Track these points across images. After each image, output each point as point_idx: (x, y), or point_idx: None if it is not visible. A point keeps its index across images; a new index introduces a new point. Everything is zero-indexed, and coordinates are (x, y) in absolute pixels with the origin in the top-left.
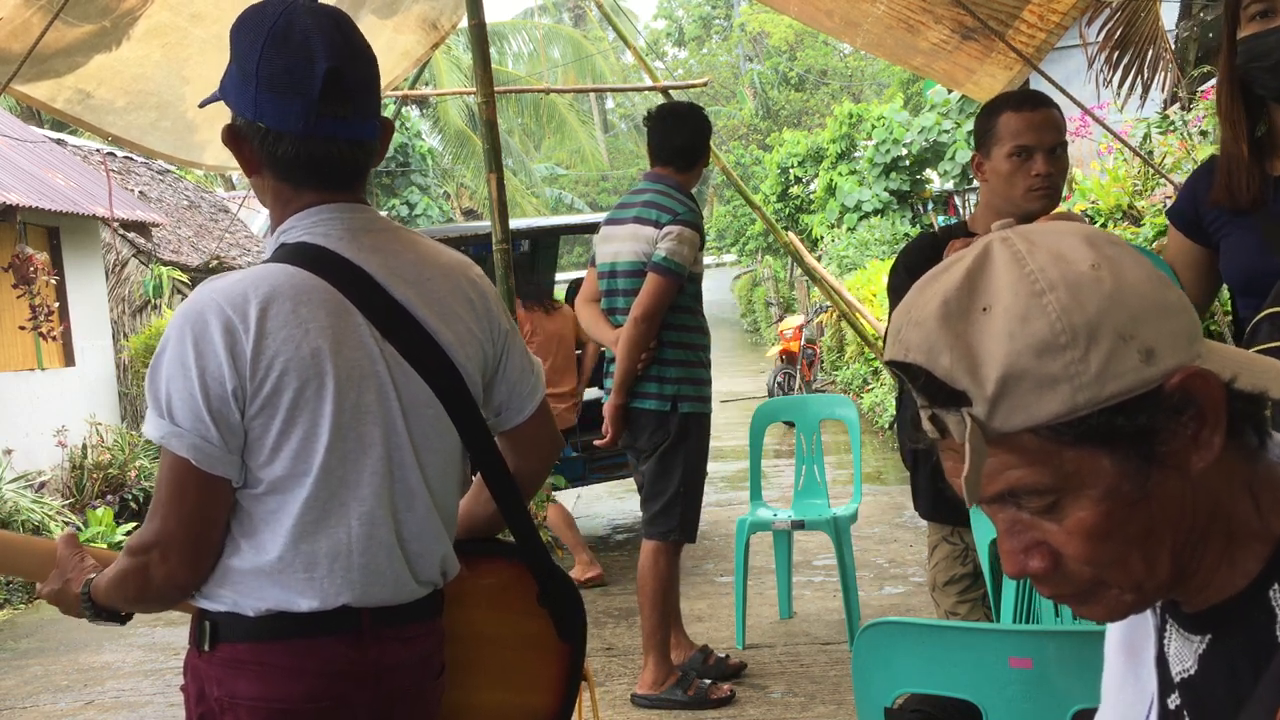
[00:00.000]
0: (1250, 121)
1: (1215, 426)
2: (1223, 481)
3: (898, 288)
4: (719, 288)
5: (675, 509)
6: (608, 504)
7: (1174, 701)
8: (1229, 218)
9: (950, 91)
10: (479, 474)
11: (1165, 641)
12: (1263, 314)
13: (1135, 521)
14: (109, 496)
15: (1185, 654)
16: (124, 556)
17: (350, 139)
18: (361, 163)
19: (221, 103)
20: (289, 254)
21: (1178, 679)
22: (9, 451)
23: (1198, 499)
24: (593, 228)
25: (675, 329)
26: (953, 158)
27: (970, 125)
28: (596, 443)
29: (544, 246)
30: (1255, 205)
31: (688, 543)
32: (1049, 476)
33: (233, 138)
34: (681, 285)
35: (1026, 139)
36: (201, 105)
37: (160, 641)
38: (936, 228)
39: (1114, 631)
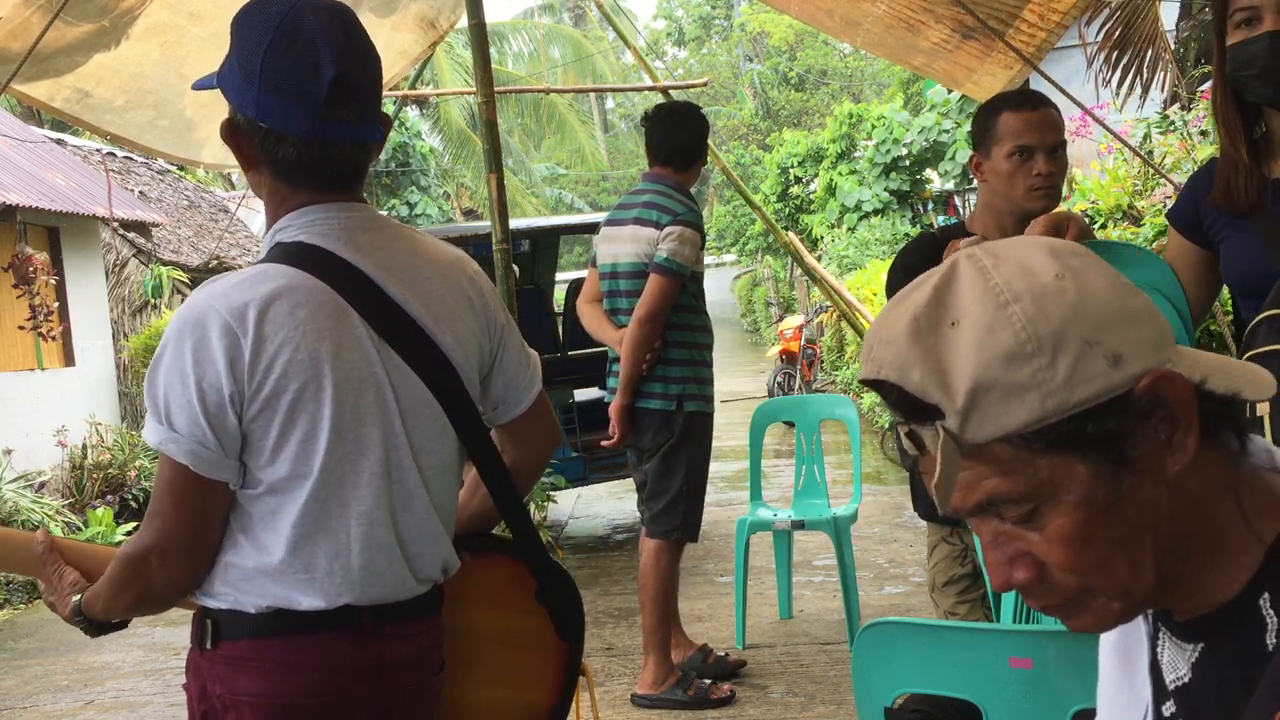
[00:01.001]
0: (1246, 126)
1: (1187, 428)
2: (1201, 484)
3: (896, 288)
4: (719, 288)
5: (678, 508)
6: (608, 504)
7: (1169, 709)
8: (1228, 220)
9: (950, 91)
10: (475, 470)
11: (1158, 649)
12: (1261, 316)
13: (1114, 526)
14: (109, 496)
15: (1179, 662)
16: (120, 563)
17: (353, 141)
18: (362, 164)
19: (220, 100)
20: (285, 254)
21: (1172, 687)
22: (9, 451)
23: (1176, 502)
24: (593, 227)
25: (679, 328)
26: (953, 158)
27: (970, 125)
28: (603, 443)
29: (544, 246)
30: (1254, 208)
31: (690, 542)
32: (1024, 485)
33: (232, 133)
34: (684, 285)
35: (1027, 139)
36: (195, 88)
37: (160, 641)
38: (936, 228)
39: (1108, 639)
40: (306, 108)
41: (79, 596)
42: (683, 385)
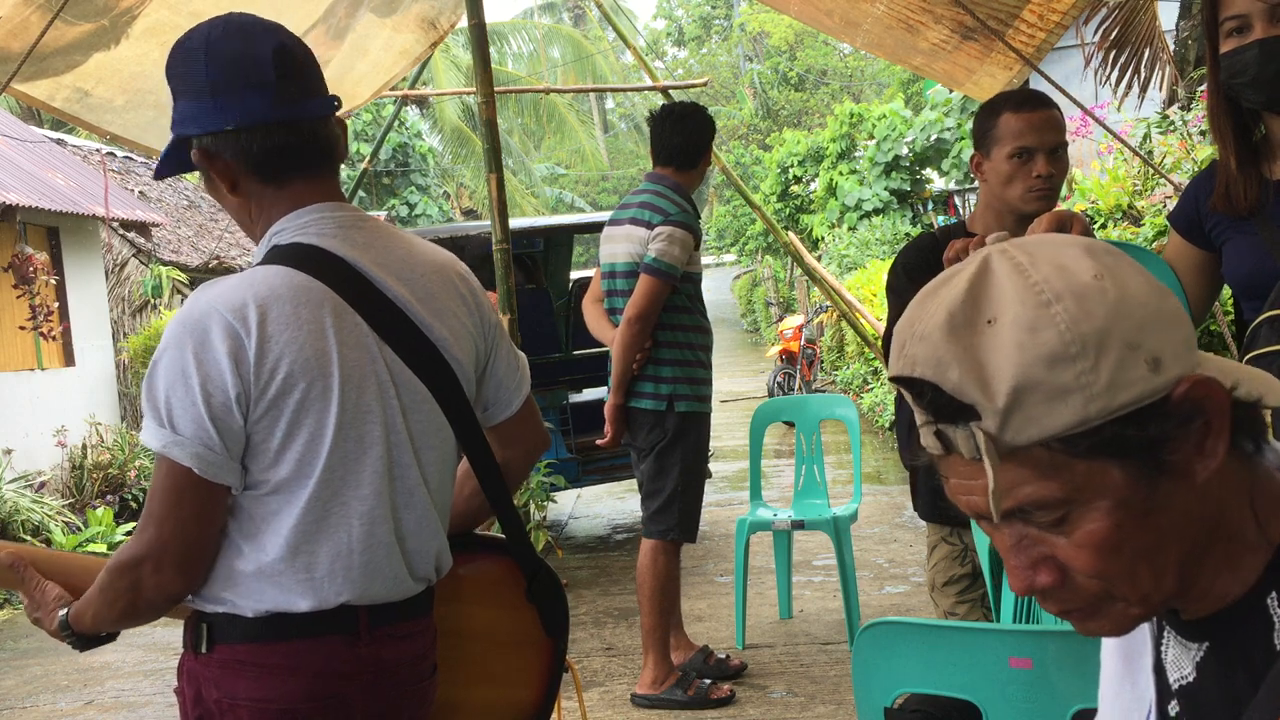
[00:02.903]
0: (1239, 133)
1: (1220, 434)
2: (1224, 490)
3: (896, 288)
4: (719, 288)
5: (673, 507)
6: (608, 504)
7: (1173, 709)
8: (1229, 223)
9: (951, 91)
10: (466, 467)
11: (1163, 649)
12: (1262, 317)
13: (1144, 533)
14: (109, 496)
15: (1183, 662)
16: (112, 572)
17: (315, 116)
18: (330, 140)
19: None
20: (282, 255)
21: (1176, 686)
22: (9, 451)
23: (1203, 508)
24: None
25: (671, 328)
26: (955, 156)
27: (972, 124)
28: (599, 442)
29: (557, 245)
30: (1254, 211)
31: (687, 542)
32: (1060, 490)
33: (207, 161)
34: (675, 285)
35: (1028, 140)
36: (157, 177)
37: (160, 641)
38: (936, 228)
39: (1110, 639)
40: (262, 90)
41: (65, 611)
42: (674, 385)
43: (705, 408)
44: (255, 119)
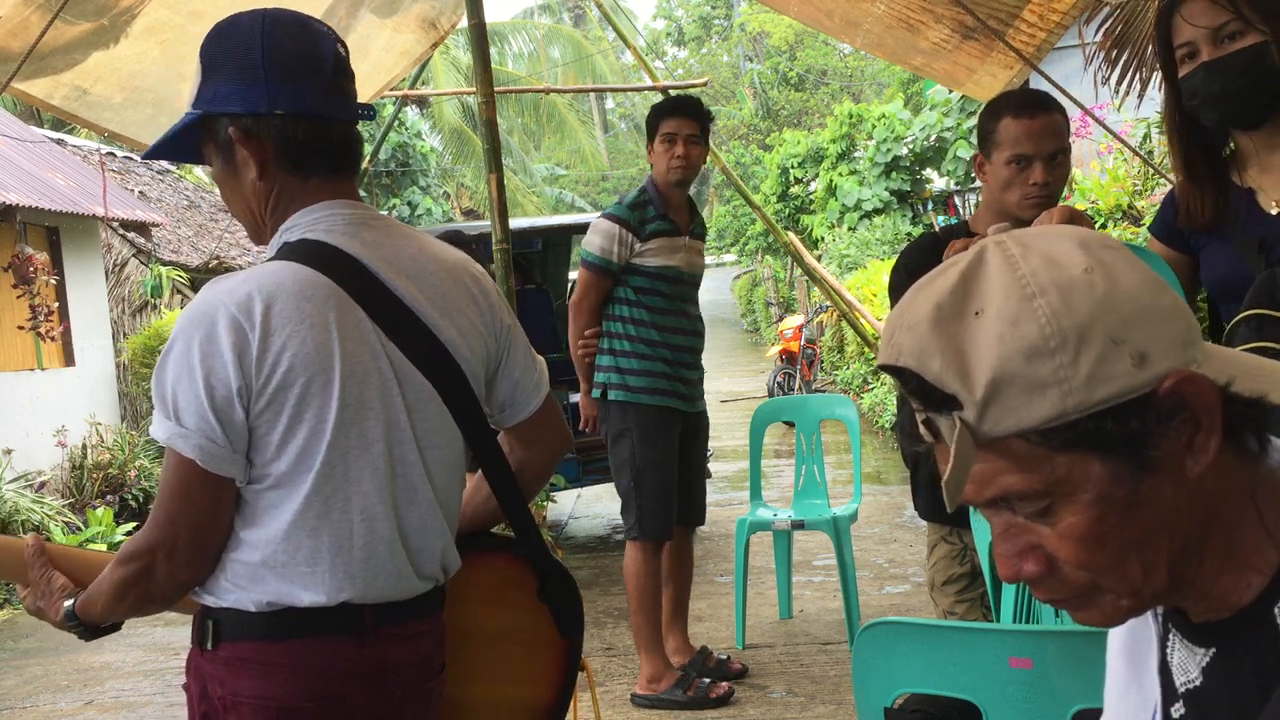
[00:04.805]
0: (1190, 154)
1: (1210, 431)
2: (1221, 487)
3: (898, 287)
4: (719, 288)
5: (632, 504)
6: (608, 504)
7: (1178, 711)
8: (1203, 231)
9: (951, 91)
10: (479, 469)
11: (1168, 651)
12: (1240, 316)
13: (1129, 526)
14: (109, 496)
15: (1189, 665)
16: (121, 563)
17: (349, 120)
18: (358, 149)
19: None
20: (291, 251)
21: (1182, 690)
22: (9, 451)
23: (1194, 504)
24: None
25: (612, 319)
26: (955, 156)
27: (972, 123)
28: (583, 427)
29: (556, 245)
30: (1220, 221)
31: (653, 540)
32: (1040, 481)
33: (245, 141)
34: (613, 276)
35: (1025, 147)
36: (146, 157)
37: (160, 641)
38: (938, 228)
39: (1116, 638)
40: (318, 83)
41: (71, 601)
42: (606, 374)
43: (648, 399)
44: (305, 108)
